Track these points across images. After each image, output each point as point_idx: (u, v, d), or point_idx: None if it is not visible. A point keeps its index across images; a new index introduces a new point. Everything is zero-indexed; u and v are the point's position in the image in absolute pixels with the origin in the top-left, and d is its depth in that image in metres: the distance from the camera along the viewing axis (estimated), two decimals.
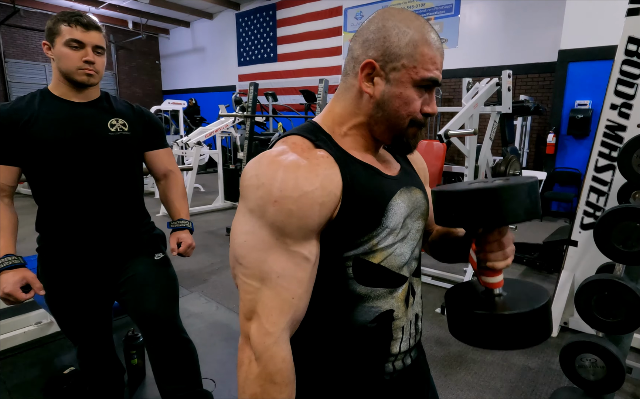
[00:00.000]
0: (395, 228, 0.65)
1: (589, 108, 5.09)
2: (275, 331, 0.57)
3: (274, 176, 0.57)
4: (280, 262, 0.57)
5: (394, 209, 0.65)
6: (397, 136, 0.67)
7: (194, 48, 12.26)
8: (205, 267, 3.75)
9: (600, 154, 2.33)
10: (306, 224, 0.58)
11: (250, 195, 0.59)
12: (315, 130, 0.67)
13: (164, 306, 1.45)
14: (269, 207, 0.57)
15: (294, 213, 0.57)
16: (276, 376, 0.57)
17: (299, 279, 0.58)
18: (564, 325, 2.58)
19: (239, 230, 0.60)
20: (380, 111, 0.65)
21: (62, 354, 2.24)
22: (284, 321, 0.58)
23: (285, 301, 0.58)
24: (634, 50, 2.15)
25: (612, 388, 1.51)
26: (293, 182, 0.57)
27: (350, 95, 0.67)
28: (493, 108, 2.93)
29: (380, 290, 0.65)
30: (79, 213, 1.35)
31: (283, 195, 0.56)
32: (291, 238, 0.57)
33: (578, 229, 2.47)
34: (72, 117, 1.32)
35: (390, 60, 0.63)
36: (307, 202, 0.57)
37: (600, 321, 1.53)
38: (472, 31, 6.48)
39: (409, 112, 0.65)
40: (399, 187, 0.68)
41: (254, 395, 0.57)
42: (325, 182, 0.59)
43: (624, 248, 1.52)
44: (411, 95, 0.64)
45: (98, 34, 1.31)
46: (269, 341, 0.57)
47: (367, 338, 0.65)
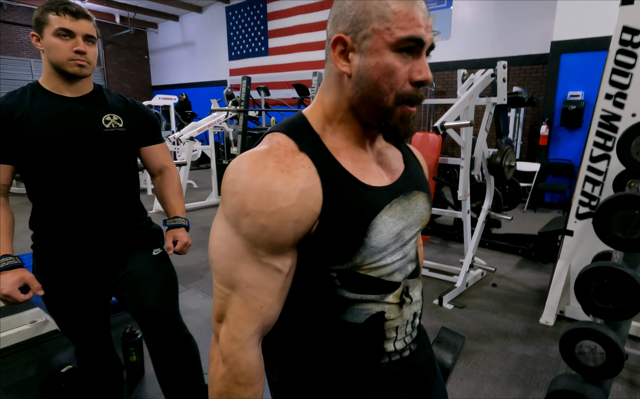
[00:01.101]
0: (380, 247, 0.61)
1: (582, 99, 5.14)
2: (241, 337, 0.58)
3: (249, 186, 0.54)
4: (251, 272, 0.57)
5: (379, 227, 0.60)
6: (382, 118, 0.60)
7: (184, 42, 12.11)
8: (201, 263, 3.72)
9: (596, 144, 2.35)
10: (279, 239, 0.56)
11: (226, 201, 0.57)
12: (302, 128, 0.61)
13: (164, 301, 1.43)
14: (241, 219, 0.55)
15: (266, 228, 0.54)
16: (240, 378, 0.59)
17: (269, 289, 0.58)
18: (560, 313, 2.61)
19: (214, 233, 0.60)
20: (359, 89, 0.58)
21: (59, 353, 2.20)
22: (251, 328, 0.58)
23: (253, 310, 0.58)
24: (629, 39, 2.17)
25: (611, 374, 1.53)
26: (267, 196, 0.53)
27: (332, 81, 0.62)
28: (488, 99, 2.93)
29: (370, 296, 0.63)
30: (75, 210, 1.32)
31: (256, 209, 0.54)
32: (263, 250, 0.56)
33: (574, 219, 2.50)
34: (66, 114, 1.28)
35: (359, 29, 0.57)
36: (280, 218, 0.54)
37: (599, 308, 1.55)
38: (464, 23, 6.49)
39: (392, 85, 0.57)
40: (392, 198, 0.63)
41: (220, 393, 0.60)
42: (302, 197, 0.55)
43: (623, 236, 1.53)
44: (391, 62, 0.56)
45: (88, 22, 1.27)
46: (234, 347, 0.58)
47: (359, 337, 0.64)
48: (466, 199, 3.01)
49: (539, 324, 2.58)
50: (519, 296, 2.98)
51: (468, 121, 2.67)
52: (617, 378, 2.00)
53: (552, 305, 2.58)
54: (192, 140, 5.73)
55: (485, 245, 3.88)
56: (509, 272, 3.42)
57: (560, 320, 2.60)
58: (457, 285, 2.95)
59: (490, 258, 3.64)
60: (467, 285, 3.08)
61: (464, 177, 2.90)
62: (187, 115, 9.76)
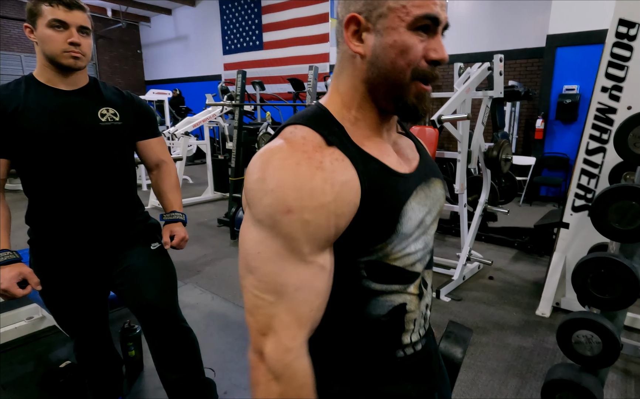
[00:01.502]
0: (409, 234, 0.61)
1: (577, 93, 5.16)
2: (295, 346, 0.53)
3: (286, 182, 0.51)
4: (297, 274, 0.53)
5: (409, 214, 0.60)
6: (398, 98, 0.59)
7: (177, 36, 11.98)
8: (199, 258, 3.71)
9: (591, 137, 2.37)
10: (323, 234, 0.53)
11: (257, 202, 0.53)
12: (326, 119, 0.60)
13: (163, 295, 1.43)
14: (281, 217, 0.51)
15: (310, 224, 0.52)
16: (301, 392, 0.54)
17: (317, 290, 0.55)
18: (556, 305, 2.64)
19: (248, 239, 0.55)
20: (375, 69, 0.58)
21: (56, 348, 2.19)
22: (303, 334, 0.54)
23: (303, 315, 0.54)
24: (625, 32, 2.18)
25: (607, 363, 1.55)
26: (309, 192, 0.51)
27: (346, 64, 0.61)
28: (485, 93, 2.94)
29: (394, 286, 0.63)
30: (71, 205, 1.31)
31: (299, 204, 0.51)
32: (308, 247, 0.53)
33: (569, 211, 2.52)
34: (62, 107, 1.26)
35: (374, 8, 0.56)
36: (323, 213, 0.52)
37: (596, 298, 1.56)
38: (460, 17, 6.48)
39: (409, 61, 0.56)
40: (416, 185, 0.63)
41: None
42: (343, 191, 0.53)
43: (620, 226, 1.55)
44: (408, 40, 0.55)
45: (82, 13, 1.25)
46: (289, 358, 0.53)
47: (380, 330, 0.64)
48: (463, 192, 3.03)
49: (535, 315, 2.61)
50: (516, 289, 3.02)
51: (465, 114, 2.68)
52: (612, 367, 2.03)
53: (548, 297, 2.61)
54: (187, 135, 5.69)
55: (481, 238, 3.90)
56: (505, 265, 3.45)
57: (556, 311, 2.64)
58: (454, 278, 2.97)
59: (486, 251, 3.67)
60: (464, 277, 3.11)
61: (461, 171, 2.91)
62: (181, 110, 9.67)
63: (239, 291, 3.03)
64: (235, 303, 2.86)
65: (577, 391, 1.53)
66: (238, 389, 1.94)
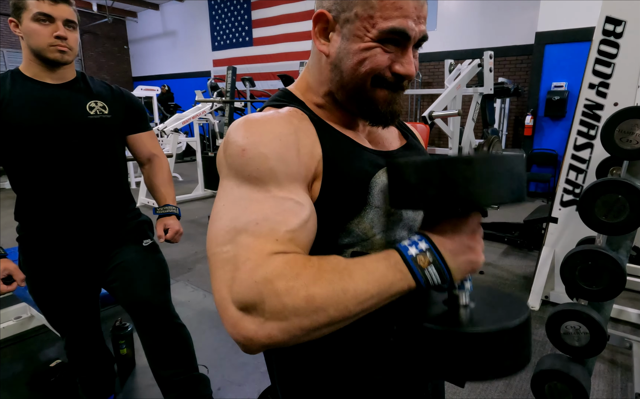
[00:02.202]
0: (388, 210, 0.57)
1: (565, 90, 5.25)
2: (264, 257, 0.44)
3: (242, 133, 0.50)
4: (263, 209, 0.47)
5: (380, 186, 0.56)
6: (361, 102, 0.56)
7: (165, 32, 11.83)
8: (190, 256, 3.69)
9: (579, 133, 2.41)
10: (287, 167, 0.49)
11: (222, 163, 0.52)
12: (287, 97, 0.60)
13: (156, 292, 1.42)
14: (240, 160, 0.49)
15: (268, 156, 0.48)
16: (295, 264, 0.44)
17: (294, 212, 0.47)
18: (545, 298, 2.69)
19: (216, 202, 0.51)
20: (338, 73, 0.55)
21: (46, 348, 2.16)
22: (276, 248, 0.45)
23: (271, 231, 0.45)
24: (611, 30, 2.22)
25: (594, 352, 1.59)
26: (261, 129, 0.50)
27: (314, 60, 0.59)
28: (475, 89, 2.98)
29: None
30: (61, 200, 1.29)
31: (252, 140, 0.49)
32: (273, 184, 0.48)
33: (558, 206, 2.57)
34: (48, 100, 1.24)
35: (343, 10, 0.53)
36: (281, 144, 0.49)
37: (584, 289, 1.60)
38: (450, 13, 6.52)
39: (368, 71, 0.53)
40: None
41: (309, 297, 0.42)
42: (300, 134, 0.51)
43: (607, 220, 1.58)
44: (371, 52, 0.52)
45: (68, 7, 1.23)
46: (267, 267, 0.43)
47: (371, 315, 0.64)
48: None
49: None
50: (506, 283, 3.06)
51: (456, 111, 2.71)
52: (600, 358, 2.08)
53: (537, 290, 2.65)
54: (177, 131, 5.63)
55: None
56: (495, 260, 3.50)
57: (545, 304, 2.68)
58: None
59: None
60: None
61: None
62: (170, 107, 9.57)
63: None
64: None
65: (565, 380, 1.57)
66: (231, 385, 1.93)
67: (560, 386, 1.59)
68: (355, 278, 0.44)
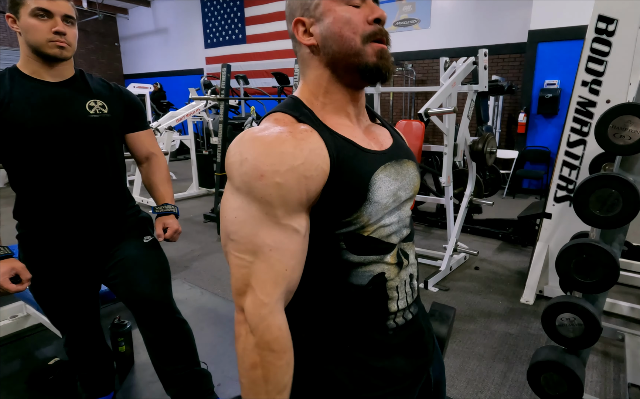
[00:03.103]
0: (382, 202, 0.65)
1: (558, 87, 5.30)
2: (270, 301, 0.58)
3: (258, 151, 0.57)
4: (272, 235, 0.58)
5: (378, 183, 0.65)
6: (359, 64, 0.65)
7: (157, 29, 11.72)
8: (186, 254, 3.68)
9: (573, 130, 2.45)
10: (294, 197, 0.58)
11: (234, 173, 0.59)
12: (297, 104, 0.66)
13: (158, 288, 1.43)
14: (255, 182, 0.57)
15: (281, 186, 0.57)
16: (273, 344, 0.59)
17: (291, 251, 0.59)
18: (539, 293, 2.74)
19: (228, 207, 0.60)
20: (330, 49, 0.65)
21: (43, 346, 2.15)
22: (278, 292, 0.59)
23: (278, 273, 0.59)
24: (604, 28, 2.26)
25: (589, 343, 1.63)
26: (278, 157, 0.57)
27: (306, 63, 0.69)
28: (470, 87, 3.00)
29: (371, 256, 0.67)
30: (61, 199, 1.29)
31: (270, 169, 0.56)
32: (281, 210, 0.58)
33: (552, 202, 2.61)
34: (48, 99, 1.24)
35: (309, 6, 0.66)
36: (294, 176, 0.57)
37: (578, 282, 1.63)
38: (444, 12, 6.55)
39: (354, 28, 0.64)
40: (385, 161, 0.68)
41: (254, 364, 0.59)
42: (311, 156, 0.59)
43: (601, 213, 1.61)
44: (344, 13, 0.64)
45: (66, 2, 1.23)
46: (264, 312, 0.58)
47: (365, 298, 0.67)
48: (449, 185, 3.09)
49: (519, 303, 2.70)
50: (501, 278, 3.10)
51: (451, 108, 2.74)
52: (593, 350, 2.13)
53: (531, 285, 2.70)
54: (171, 129, 5.60)
55: (467, 230, 3.99)
56: (490, 255, 3.55)
57: (539, 298, 2.73)
58: (442, 269, 3.03)
59: (472, 243, 3.76)
60: (451, 268, 3.18)
61: (448, 164, 2.97)
62: (163, 105, 9.49)
63: (229, 286, 3.02)
64: (225, 298, 2.85)
65: (561, 371, 1.60)
66: (231, 381, 1.94)
67: (555, 377, 1.63)
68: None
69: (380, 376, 0.69)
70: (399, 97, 7.23)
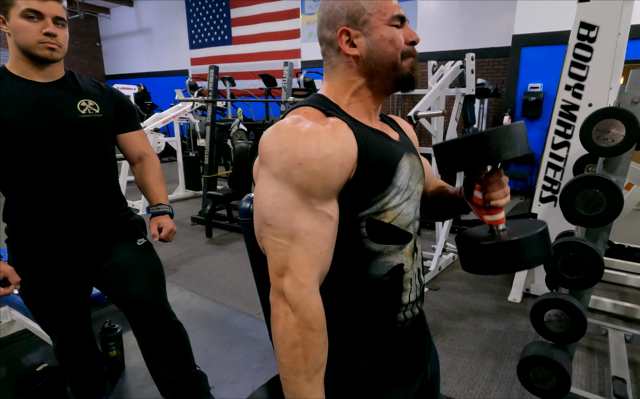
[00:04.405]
0: (402, 188, 0.71)
1: (541, 91, 5.45)
2: (308, 282, 0.61)
3: (296, 141, 0.61)
4: (307, 220, 0.61)
5: (402, 169, 0.71)
6: (396, 74, 0.72)
7: (139, 29, 11.52)
8: (174, 257, 3.63)
9: (557, 132, 2.53)
10: (329, 184, 0.62)
11: (273, 160, 0.62)
12: (324, 100, 0.71)
13: (152, 291, 1.42)
14: (294, 170, 0.60)
15: (318, 174, 0.61)
16: (313, 323, 0.62)
17: (324, 235, 0.63)
18: (526, 291, 2.81)
19: (264, 193, 0.63)
20: (373, 61, 0.71)
21: (29, 352, 2.09)
22: (314, 273, 0.62)
23: (314, 256, 0.62)
24: (585, 34, 2.35)
25: (575, 338, 1.68)
26: (315, 146, 0.61)
27: (340, 70, 0.73)
28: (458, 90, 3.07)
29: (392, 246, 0.70)
30: (52, 201, 1.27)
31: (307, 157, 0.60)
32: (316, 198, 0.62)
33: (537, 202, 2.68)
34: (38, 100, 1.22)
35: (357, 18, 0.70)
36: (329, 163, 0.61)
37: (565, 279, 1.69)
38: (430, 15, 6.65)
39: (397, 46, 0.70)
40: (404, 151, 0.74)
41: (295, 343, 0.61)
42: (343, 144, 0.64)
43: (586, 213, 1.67)
44: (390, 32, 0.70)
45: (57, 3, 1.21)
46: (304, 292, 0.61)
47: (382, 290, 0.70)
48: None
49: (507, 301, 2.76)
50: (488, 277, 3.16)
51: (440, 111, 2.79)
52: (578, 345, 2.19)
53: (518, 284, 2.76)
54: (156, 131, 5.52)
55: (455, 230, 4.06)
56: None
57: (526, 297, 2.80)
58: (431, 269, 3.08)
59: None
60: (440, 268, 3.23)
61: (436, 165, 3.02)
62: (147, 107, 9.34)
63: (219, 289, 3.00)
64: (215, 300, 2.83)
65: (549, 365, 1.65)
66: (225, 383, 1.93)
67: (544, 371, 1.68)
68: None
69: (387, 369, 0.72)
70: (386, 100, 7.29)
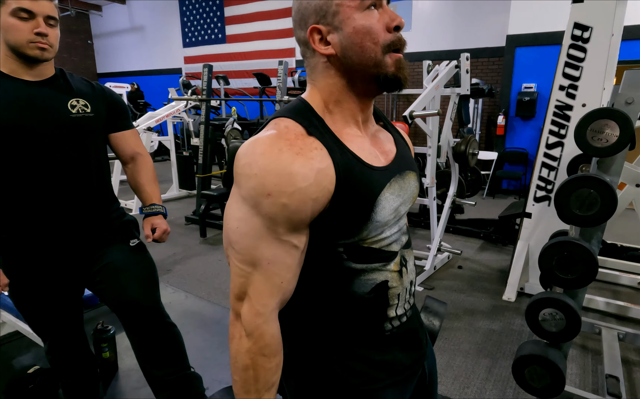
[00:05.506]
0: (382, 222, 0.66)
1: (535, 91, 5.49)
2: (265, 312, 0.61)
3: (267, 168, 0.56)
4: (271, 249, 0.59)
5: (383, 204, 0.65)
6: (378, 74, 0.64)
7: (132, 27, 11.41)
8: (168, 257, 3.60)
9: (551, 132, 2.55)
10: (299, 218, 0.59)
11: (243, 184, 0.59)
12: (307, 112, 0.64)
13: (146, 292, 1.40)
14: (262, 199, 0.57)
15: (287, 207, 0.57)
16: (265, 349, 0.62)
17: (288, 265, 0.61)
18: (520, 290, 2.82)
19: (231, 214, 0.61)
20: (349, 59, 0.63)
21: (20, 355, 2.06)
22: (273, 302, 0.62)
23: (274, 285, 0.61)
24: (579, 35, 2.36)
25: (570, 337, 1.69)
26: (287, 178, 0.56)
27: (319, 70, 0.66)
28: (453, 90, 3.07)
29: (374, 264, 0.68)
30: (43, 201, 1.24)
31: (277, 189, 0.56)
32: (283, 228, 0.59)
33: (532, 202, 2.70)
34: (28, 99, 1.20)
35: (326, 11, 0.62)
36: (300, 198, 0.57)
37: (560, 278, 1.70)
38: (424, 15, 6.65)
39: (373, 39, 0.62)
40: (390, 177, 0.67)
41: (246, 366, 0.62)
42: (319, 177, 0.58)
43: (580, 213, 1.68)
44: (365, 22, 0.61)
45: (49, 2, 1.19)
46: (259, 321, 0.61)
47: (366, 306, 0.68)
48: (433, 186, 3.15)
49: (502, 300, 2.77)
50: (483, 276, 3.18)
51: (435, 111, 2.79)
52: (573, 344, 2.21)
53: (513, 283, 2.78)
54: (149, 130, 5.47)
55: (450, 229, 4.07)
56: (472, 254, 3.63)
57: (520, 295, 2.82)
58: (426, 268, 3.09)
59: (455, 242, 3.84)
60: (435, 268, 3.23)
61: (431, 165, 3.03)
62: (140, 105, 9.26)
63: (213, 289, 2.98)
64: (210, 301, 2.80)
65: (544, 364, 1.66)
66: (220, 384, 1.91)
67: (539, 370, 1.68)
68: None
69: (381, 369, 0.71)
70: (380, 99, 7.30)
